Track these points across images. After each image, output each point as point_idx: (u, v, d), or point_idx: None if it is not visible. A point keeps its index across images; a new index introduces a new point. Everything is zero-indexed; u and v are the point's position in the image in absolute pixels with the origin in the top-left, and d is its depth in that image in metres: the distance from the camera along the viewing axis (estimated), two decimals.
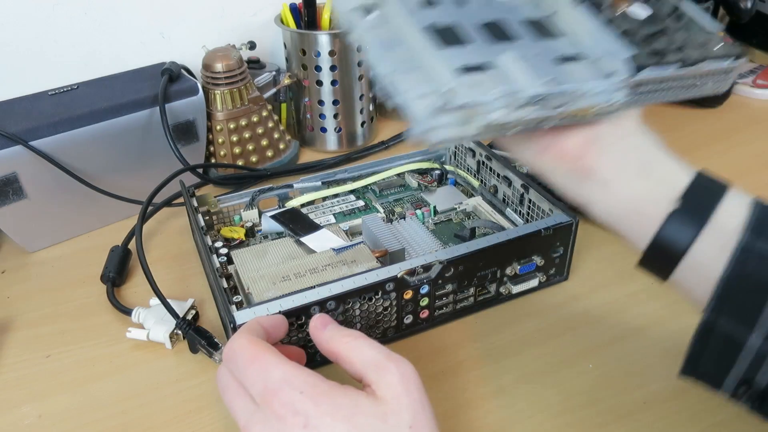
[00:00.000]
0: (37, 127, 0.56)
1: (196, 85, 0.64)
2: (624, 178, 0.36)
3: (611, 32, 0.37)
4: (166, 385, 0.46)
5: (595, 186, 0.37)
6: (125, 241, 0.59)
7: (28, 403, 0.45)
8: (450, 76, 0.33)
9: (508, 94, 0.33)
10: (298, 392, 0.31)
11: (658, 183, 0.35)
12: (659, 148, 0.37)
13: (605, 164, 0.36)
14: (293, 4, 0.73)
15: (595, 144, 0.36)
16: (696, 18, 0.41)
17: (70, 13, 0.70)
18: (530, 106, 0.34)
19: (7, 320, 0.52)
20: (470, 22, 0.37)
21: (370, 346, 0.35)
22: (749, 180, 0.66)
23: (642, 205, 0.36)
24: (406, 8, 0.37)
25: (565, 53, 0.37)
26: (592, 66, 0.36)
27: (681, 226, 0.34)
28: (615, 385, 0.45)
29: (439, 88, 0.32)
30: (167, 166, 0.61)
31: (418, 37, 0.35)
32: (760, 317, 0.32)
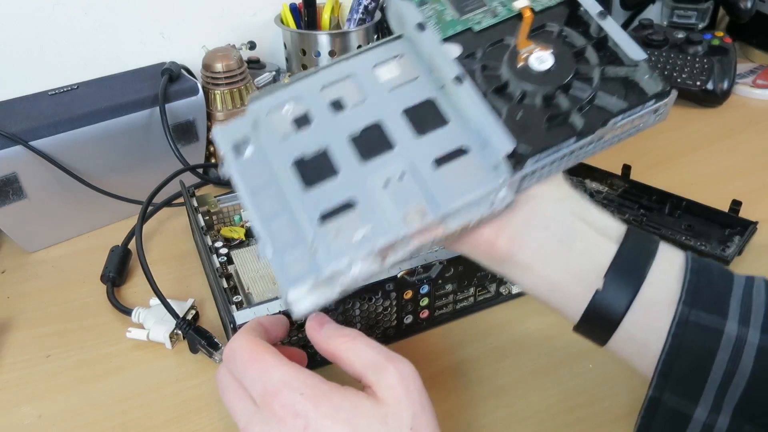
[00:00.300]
0: (37, 127, 0.56)
1: (196, 85, 0.64)
2: (543, 260, 0.35)
3: (494, 115, 0.34)
4: (166, 385, 0.46)
5: (516, 269, 0.36)
6: (125, 241, 0.59)
7: (28, 403, 0.45)
8: (312, 231, 0.33)
9: (370, 251, 0.32)
10: (298, 394, 0.31)
11: (580, 258, 0.34)
12: (579, 216, 0.35)
13: (521, 249, 0.35)
14: (293, 4, 0.73)
15: (507, 230, 0.35)
16: (617, 41, 0.37)
17: (70, 13, 0.70)
18: (400, 248, 0.33)
19: (7, 320, 0.52)
20: (345, 134, 0.36)
21: (369, 346, 0.34)
22: (749, 180, 0.66)
23: (566, 284, 0.35)
24: (277, 137, 0.36)
25: (446, 149, 0.35)
26: (475, 160, 0.34)
27: (610, 300, 0.33)
28: (615, 385, 0.45)
29: (303, 274, 0.32)
30: (167, 166, 0.61)
31: (285, 177, 0.35)
32: (705, 389, 0.32)
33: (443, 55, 0.37)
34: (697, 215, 0.59)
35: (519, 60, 0.37)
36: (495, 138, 0.33)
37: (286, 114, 0.38)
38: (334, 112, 0.37)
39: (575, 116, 0.35)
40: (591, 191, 0.63)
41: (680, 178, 0.66)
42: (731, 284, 0.34)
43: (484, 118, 0.34)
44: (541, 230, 0.35)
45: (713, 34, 0.84)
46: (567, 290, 0.35)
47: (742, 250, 0.55)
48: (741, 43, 0.92)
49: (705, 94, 0.79)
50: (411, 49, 0.39)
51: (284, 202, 0.35)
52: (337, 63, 0.39)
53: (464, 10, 0.39)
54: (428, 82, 0.37)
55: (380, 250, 0.33)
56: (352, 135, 0.36)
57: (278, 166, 0.36)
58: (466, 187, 0.34)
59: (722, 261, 0.54)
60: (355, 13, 0.72)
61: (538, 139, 0.34)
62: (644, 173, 0.63)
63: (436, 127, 0.36)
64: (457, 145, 0.35)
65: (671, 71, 0.81)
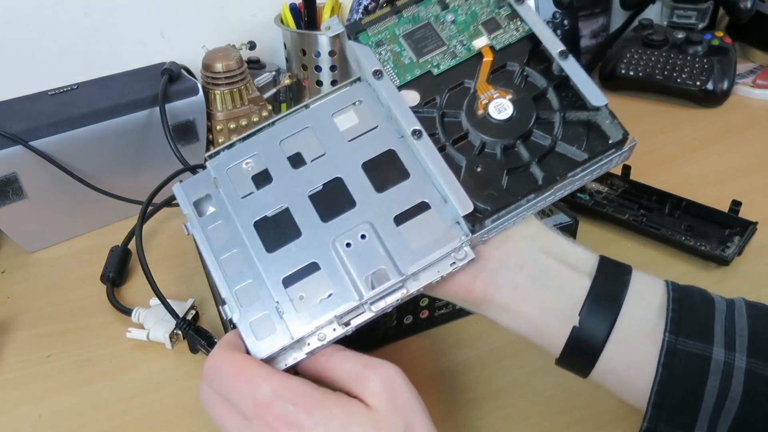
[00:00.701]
0: (37, 127, 0.56)
1: (196, 85, 0.64)
2: (520, 300, 0.35)
3: (452, 176, 0.34)
4: (166, 385, 0.46)
5: (494, 311, 0.36)
6: (125, 241, 0.59)
7: (28, 403, 0.45)
8: (276, 294, 0.33)
9: (333, 319, 0.33)
10: (291, 404, 0.31)
11: (556, 295, 0.35)
12: (550, 252, 0.36)
13: (498, 292, 0.35)
14: (293, 4, 0.73)
15: (482, 275, 0.35)
16: (579, 86, 0.36)
17: (70, 13, 0.70)
18: (365, 313, 0.34)
19: (7, 320, 0.52)
20: (306, 192, 0.36)
21: (347, 358, 0.33)
22: (749, 180, 0.66)
23: (544, 322, 0.35)
24: (238, 195, 0.36)
25: (407, 205, 0.35)
26: (436, 216, 0.34)
27: (588, 336, 0.34)
28: None
29: (271, 338, 0.33)
30: (167, 166, 0.61)
31: (248, 237, 0.35)
32: (699, 416, 0.33)
33: (401, 105, 0.36)
34: (697, 215, 0.59)
35: (479, 107, 0.36)
36: (454, 198, 0.34)
37: (246, 170, 0.37)
38: (294, 167, 0.37)
39: (535, 168, 0.35)
40: (591, 191, 0.63)
41: (680, 178, 0.66)
42: (713, 310, 0.34)
43: (442, 177, 0.34)
44: (515, 272, 0.35)
45: (713, 34, 0.84)
46: (545, 328, 0.36)
47: (742, 250, 0.55)
48: (741, 43, 0.92)
49: (705, 94, 0.79)
50: (369, 94, 0.38)
51: (248, 263, 0.35)
52: (296, 112, 0.39)
53: (422, 52, 0.38)
54: (388, 131, 0.37)
55: (343, 317, 0.33)
56: (313, 192, 0.36)
57: (241, 226, 0.36)
58: (427, 247, 0.34)
59: (722, 261, 0.54)
60: (355, 13, 0.72)
61: (497, 198, 0.34)
62: (644, 173, 0.63)
63: (396, 181, 0.35)
64: (418, 201, 0.35)
65: (671, 71, 0.81)
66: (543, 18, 0.82)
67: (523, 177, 0.35)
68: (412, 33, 0.39)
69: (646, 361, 0.33)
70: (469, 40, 0.38)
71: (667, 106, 0.82)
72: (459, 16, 0.39)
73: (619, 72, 0.84)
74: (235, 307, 0.34)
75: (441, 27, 0.39)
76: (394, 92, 0.36)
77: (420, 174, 0.35)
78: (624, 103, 0.83)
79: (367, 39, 0.39)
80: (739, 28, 0.90)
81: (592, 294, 0.34)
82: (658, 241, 0.57)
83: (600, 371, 0.35)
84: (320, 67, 0.70)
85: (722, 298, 0.36)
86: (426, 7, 0.39)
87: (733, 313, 0.34)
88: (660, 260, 0.56)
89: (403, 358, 0.47)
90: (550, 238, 0.37)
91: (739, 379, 0.32)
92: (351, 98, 0.38)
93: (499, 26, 0.38)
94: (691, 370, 0.33)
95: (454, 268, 0.34)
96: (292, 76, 0.73)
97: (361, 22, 0.39)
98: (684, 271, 0.55)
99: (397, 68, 0.38)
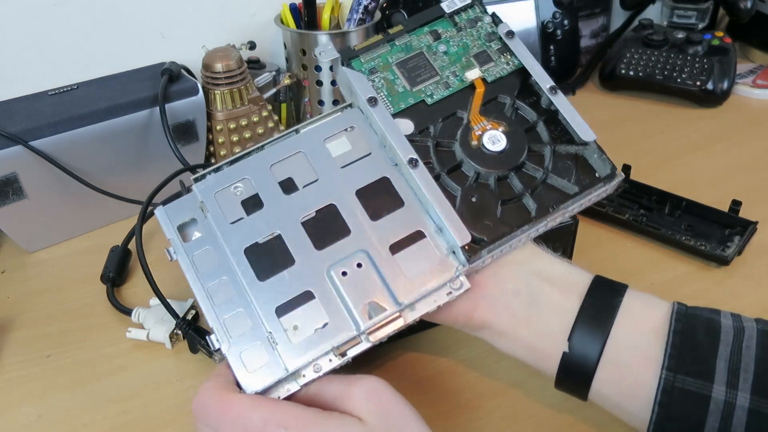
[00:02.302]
0: (37, 127, 0.56)
1: (196, 85, 0.64)
2: (516, 325, 0.36)
3: (448, 206, 0.34)
4: (166, 385, 0.46)
5: (492, 335, 0.37)
6: (125, 241, 0.59)
7: (28, 403, 0.45)
8: (269, 325, 0.33)
9: (329, 350, 0.33)
10: (282, 429, 0.30)
11: (548, 319, 0.35)
12: (543, 275, 0.36)
13: (498, 318, 0.36)
14: (293, 4, 0.73)
15: (483, 302, 0.36)
16: (568, 120, 0.37)
17: (70, 13, 0.70)
18: (361, 344, 0.33)
19: (7, 320, 0.52)
20: (299, 218, 0.35)
21: (330, 380, 0.33)
22: (749, 180, 0.66)
23: (539, 346, 0.36)
24: (227, 221, 0.36)
25: (402, 234, 0.35)
26: (432, 245, 0.35)
27: (578, 361, 0.34)
28: None
29: (264, 370, 0.32)
30: (167, 166, 0.61)
31: (238, 264, 0.34)
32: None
33: (396, 133, 0.36)
34: (697, 215, 0.59)
35: (473, 137, 0.36)
36: (450, 229, 0.34)
37: (235, 194, 0.36)
38: (285, 192, 0.36)
39: (528, 199, 0.36)
40: None
41: (680, 178, 0.66)
42: (717, 343, 0.33)
43: (439, 207, 0.34)
44: (513, 297, 0.36)
45: (713, 34, 0.84)
46: (540, 352, 0.36)
47: (742, 250, 0.55)
48: (741, 43, 0.92)
49: (705, 94, 0.79)
50: (362, 120, 0.38)
51: (238, 291, 0.34)
52: (286, 136, 0.38)
53: (416, 81, 0.38)
54: (381, 159, 0.37)
55: (339, 347, 0.33)
56: (306, 218, 0.35)
57: (230, 252, 0.35)
58: (423, 276, 0.34)
59: (722, 261, 0.54)
60: (355, 13, 0.72)
61: (493, 228, 0.35)
62: (644, 173, 0.63)
63: (391, 209, 0.35)
64: (413, 230, 0.35)
65: (671, 71, 0.81)
66: (542, 18, 0.82)
67: (516, 208, 0.35)
68: (405, 62, 0.39)
69: (639, 388, 0.33)
70: (461, 71, 0.38)
71: (667, 106, 0.82)
72: (451, 47, 0.39)
73: (619, 72, 0.84)
74: (224, 337, 0.33)
75: (433, 57, 0.39)
76: (389, 120, 0.36)
77: (414, 202, 0.35)
78: (624, 103, 0.83)
79: (360, 65, 0.38)
80: (739, 28, 0.90)
81: (581, 317, 0.34)
82: (658, 241, 0.57)
83: (595, 395, 0.35)
84: (320, 67, 0.70)
85: (732, 324, 0.34)
86: (418, 36, 0.39)
87: (740, 345, 0.33)
88: (660, 260, 0.56)
89: (403, 358, 0.47)
90: (543, 260, 0.37)
91: (740, 420, 0.31)
92: (343, 124, 0.38)
93: (490, 59, 0.39)
94: (689, 409, 0.31)
95: (450, 297, 0.34)
96: (292, 76, 0.73)
97: (354, 49, 0.39)
98: (684, 271, 0.55)
99: (390, 96, 0.38)
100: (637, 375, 0.33)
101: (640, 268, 0.55)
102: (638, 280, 0.53)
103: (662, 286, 0.53)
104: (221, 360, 0.46)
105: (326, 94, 0.72)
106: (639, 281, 0.53)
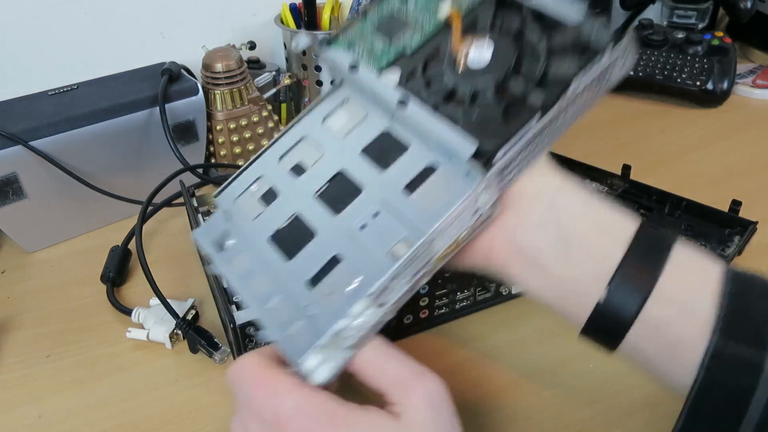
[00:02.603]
0: (37, 127, 0.56)
1: (196, 85, 0.64)
2: (544, 263, 0.32)
3: (448, 124, 0.33)
4: (166, 385, 0.46)
5: (518, 274, 0.34)
6: (125, 241, 0.59)
7: (28, 403, 0.45)
8: (305, 298, 0.32)
9: (367, 300, 0.32)
10: (314, 421, 0.29)
11: (582, 262, 0.32)
12: (578, 212, 0.33)
13: (518, 253, 0.33)
14: (293, 4, 0.73)
15: (501, 235, 0.33)
16: (552, 7, 0.34)
17: (70, 13, 0.70)
18: (396, 287, 0.33)
19: (7, 320, 0.52)
20: (312, 193, 0.36)
21: (394, 360, 0.31)
22: (749, 180, 0.66)
23: (568, 290, 0.32)
24: (249, 219, 0.37)
25: (413, 173, 0.34)
26: (446, 174, 0.33)
27: (613, 313, 0.31)
28: (615, 385, 0.45)
29: (309, 343, 0.31)
30: (167, 166, 0.61)
31: (267, 254, 0.35)
32: (740, 429, 0.29)
33: (382, 85, 0.36)
34: (697, 215, 0.59)
35: (460, 59, 0.35)
36: (456, 144, 0.32)
37: (253, 194, 0.38)
38: (296, 176, 0.37)
39: (533, 95, 0.33)
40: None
41: (680, 178, 0.66)
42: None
43: (439, 130, 0.33)
44: (536, 231, 0.33)
45: (713, 34, 0.84)
46: (569, 296, 0.32)
47: (742, 250, 0.55)
48: (741, 43, 0.92)
49: (705, 94, 0.79)
50: (353, 90, 0.38)
51: (274, 280, 0.34)
52: (289, 130, 0.39)
53: (393, 39, 0.38)
54: (378, 116, 0.37)
55: (376, 296, 0.32)
56: (319, 191, 0.36)
57: (259, 245, 0.36)
58: (443, 203, 0.32)
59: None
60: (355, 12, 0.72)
61: (501, 129, 0.32)
62: (644, 173, 0.63)
63: (397, 155, 0.35)
64: (423, 166, 0.34)
65: (671, 71, 0.81)
66: None
67: (522, 110, 0.33)
68: (380, 27, 0.39)
69: (682, 349, 0.30)
70: (433, 15, 0.38)
71: (667, 106, 0.82)
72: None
73: None
74: (271, 328, 0.33)
75: (405, 14, 0.39)
76: (372, 76, 0.37)
77: (418, 143, 0.35)
78: (624, 103, 0.83)
79: (339, 44, 0.39)
80: (739, 28, 0.90)
81: (624, 266, 0.31)
82: None
83: (627, 350, 0.32)
84: (320, 67, 0.70)
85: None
86: (388, 2, 0.40)
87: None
88: None
89: None
90: (578, 195, 0.33)
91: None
92: (337, 100, 0.39)
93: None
94: (738, 379, 0.29)
95: (478, 217, 0.32)
96: (292, 76, 0.73)
97: (330, 34, 0.40)
98: None
99: (371, 59, 0.38)
100: (682, 334, 0.30)
101: None
102: None
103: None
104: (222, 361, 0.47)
105: None
106: None
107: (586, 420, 0.42)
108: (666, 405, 0.43)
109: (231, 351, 0.47)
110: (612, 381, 0.45)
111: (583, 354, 0.47)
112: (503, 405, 0.44)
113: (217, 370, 0.47)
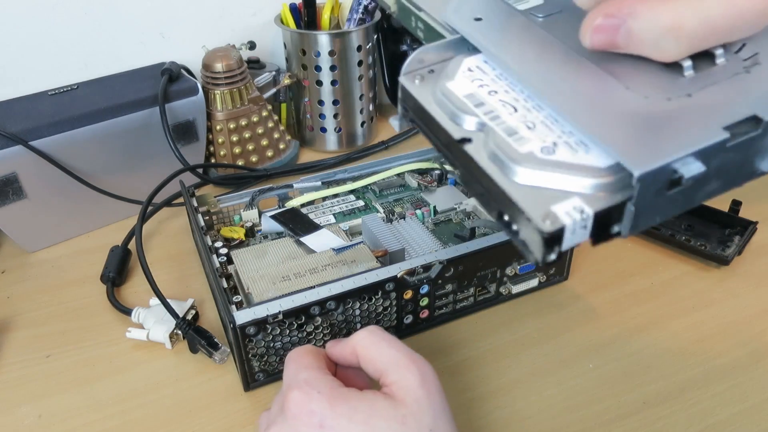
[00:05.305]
0: (37, 127, 0.56)
1: (196, 85, 0.64)
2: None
3: None
4: (166, 385, 0.46)
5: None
6: (125, 241, 0.59)
7: (28, 403, 0.45)
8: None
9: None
10: (316, 392, 0.32)
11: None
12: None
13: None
14: (293, 4, 0.73)
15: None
16: None
17: (70, 13, 0.70)
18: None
19: (7, 320, 0.52)
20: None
21: (390, 343, 0.35)
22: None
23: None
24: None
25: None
26: None
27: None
28: (615, 385, 0.45)
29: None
30: (167, 166, 0.61)
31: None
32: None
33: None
34: (697, 215, 0.59)
35: None
36: None
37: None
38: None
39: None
40: None
41: None
42: None
43: None
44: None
45: None
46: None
47: (742, 250, 0.55)
48: None
49: None
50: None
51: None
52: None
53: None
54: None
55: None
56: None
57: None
58: None
59: (722, 261, 0.54)
60: (355, 13, 0.72)
61: None
62: None
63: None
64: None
65: None
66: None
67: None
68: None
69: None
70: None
71: None
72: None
73: None
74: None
75: None
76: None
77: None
78: None
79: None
80: None
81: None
82: (658, 241, 0.57)
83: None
84: (320, 67, 0.70)
85: None
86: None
87: None
88: (660, 260, 0.56)
89: None
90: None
91: None
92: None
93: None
94: None
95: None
96: (292, 76, 0.73)
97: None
98: (684, 271, 0.55)
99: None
100: None
101: (640, 268, 0.55)
102: (638, 280, 0.54)
103: (662, 286, 0.53)
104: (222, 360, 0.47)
105: (326, 94, 0.72)
106: (639, 281, 0.54)
107: (585, 420, 0.42)
108: (666, 405, 0.43)
109: (231, 351, 0.47)
110: (612, 381, 0.45)
111: (583, 354, 0.47)
112: (503, 405, 0.44)
113: (217, 370, 0.47)
